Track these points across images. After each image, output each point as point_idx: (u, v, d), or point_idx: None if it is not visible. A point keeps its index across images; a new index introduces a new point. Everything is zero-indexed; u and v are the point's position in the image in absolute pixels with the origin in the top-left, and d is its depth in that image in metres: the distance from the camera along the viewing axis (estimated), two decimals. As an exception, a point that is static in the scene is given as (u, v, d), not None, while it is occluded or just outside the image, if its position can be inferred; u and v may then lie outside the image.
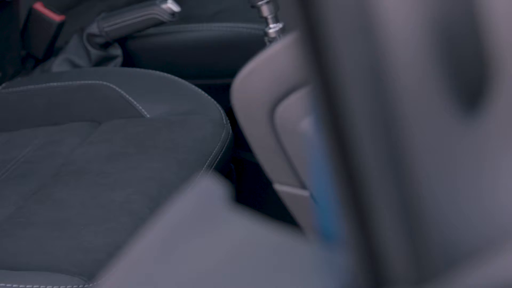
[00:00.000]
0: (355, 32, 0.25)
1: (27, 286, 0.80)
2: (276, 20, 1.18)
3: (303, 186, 0.60)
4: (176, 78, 1.18)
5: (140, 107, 1.13)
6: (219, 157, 1.07)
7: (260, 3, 1.16)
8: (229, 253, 0.34)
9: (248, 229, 0.35)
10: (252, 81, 0.58)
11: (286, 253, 0.33)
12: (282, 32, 1.18)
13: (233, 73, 1.53)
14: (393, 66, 0.25)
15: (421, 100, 0.26)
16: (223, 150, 1.08)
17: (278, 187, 0.62)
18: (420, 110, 0.25)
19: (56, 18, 1.36)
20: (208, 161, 1.04)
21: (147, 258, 0.35)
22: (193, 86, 1.17)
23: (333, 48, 0.25)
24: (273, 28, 1.18)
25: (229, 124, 1.12)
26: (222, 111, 1.13)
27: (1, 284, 0.79)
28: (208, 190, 0.37)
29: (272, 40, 1.19)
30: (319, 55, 0.26)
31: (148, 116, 1.12)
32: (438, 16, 0.25)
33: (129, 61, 1.40)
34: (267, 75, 0.57)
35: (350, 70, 0.25)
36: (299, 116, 0.57)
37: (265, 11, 1.17)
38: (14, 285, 0.80)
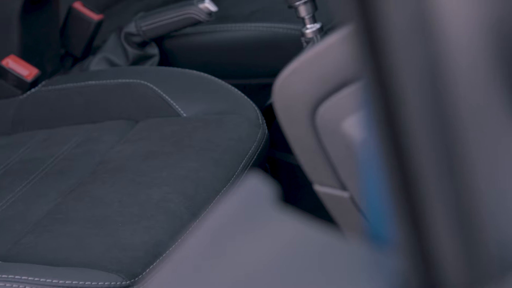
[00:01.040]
0: (414, 34, 0.25)
1: (67, 282, 0.81)
2: (314, 21, 1.18)
3: (343, 187, 0.60)
4: (213, 77, 1.19)
5: (177, 106, 1.13)
6: (255, 157, 1.07)
7: (297, 3, 1.16)
8: (278, 253, 0.34)
9: (296, 228, 0.35)
10: (294, 81, 0.58)
11: (335, 254, 0.33)
12: (319, 32, 1.18)
13: (269, 73, 1.54)
14: (452, 69, 0.25)
15: (479, 102, 0.25)
16: (259, 150, 1.08)
17: (318, 188, 0.62)
18: (477, 113, 0.25)
19: (95, 17, 1.38)
20: (244, 161, 1.04)
21: (195, 257, 0.35)
22: (230, 86, 1.17)
23: (391, 49, 0.25)
24: (310, 28, 1.18)
25: (265, 124, 1.12)
26: (258, 111, 1.13)
27: (42, 279, 0.80)
28: (256, 189, 0.37)
29: (309, 41, 1.19)
30: (377, 55, 0.26)
31: (184, 115, 1.12)
32: (497, 19, 0.25)
33: (166, 60, 1.41)
34: (309, 75, 0.57)
35: (407, 72, 0.25)
36: (340, 117, 0.56)
37: (303, 11, 1.17)
38: (54, 281, 0.81)
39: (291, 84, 0.58)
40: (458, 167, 0.25)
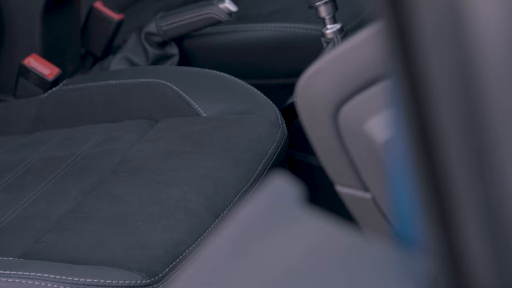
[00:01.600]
0: (446, 32, 0.24)
1: (87, 280, 0.81)
2: (334, 21, 1.18)
3: (365, 188, 0.60)
4: (232, 77, 1.19)
5: (197, 106, 1.14)
6: (274, 157, 1.07)
7: (318, 3, 1.16)
8: (304, 253, 0.34)
9: (322, 229, 0.35)
10: (317, 82, 0.58)
11: (362, 255, 0.33)
12: (339, 33, 1.18)
13: (288, 74, 1.54)
14: (483, 68, 0.25)
15: (510, 104, 0.25)
16: (278, 150, 1.08)
17: (340, 188, 0.62)
18: (510, 113, 0.25)
19: (115, 16, 1.38)
20: (263, 161, 1.04)
21: (221, 256, 0.35)
22: (249, 86, 1.17)
23: (422, 47, 0.25)
24: (330, 29, 1.18)
25: (284, 124, 1.12)
26: (277, 111, 1.13)
27: (63, 277, 0.81)
28: (281, 189, 0.37)
29: (329, 41, 1.19)
30: (407, 53, 0.26)
31: (204, 114, 1.12)
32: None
33: (185, 60, 1.41)
34: (332, 76, 0.57)
35: (439, 70, 0.25)
36: (363, 117, 0.56)
37: (323, 11, 1.16)
38: (75, 279, 0.81)
39: (314, 85, 0.58)
40: (490, 168, 0.25)
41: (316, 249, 0.34)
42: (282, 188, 0.37)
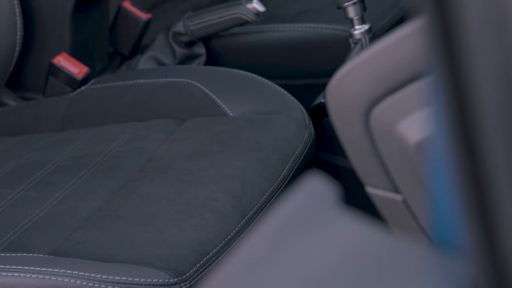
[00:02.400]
0: (492, 28, 0.24)
1: (116, 278, 0.82)
2: (362, 22, 1.17)
3: (396, 190, 0.60)
4: (260, 77, 1.19)
5: (224, 106, 1.14)
6: (301, 157, 1.07)
7: (346, 4, 1.15)
8: (341, 255, 0.34)
9: (359, 230, 0.34)
10: (348, 83, 0.58)
11: (400, 257, 0.33)
12: (367, 33, 1.18)
13: (315, 74, 1.54)
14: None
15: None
16: (305, 151, 1.08)
17: (370, 190, 0.61)
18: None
19: (143, 16, 1.39)
20: (290, 161, 1.04)
21: (256, 257, 0.35)
22: (276, 86, 1.17)
23: (467, 44, 0.25)
24: (358, 29, 1.17)
25: (311, 125, 1.12)
26: (305, 112, 1.13)
27: (92, 275, 0.82)
28: (317, 190, 0.37)
29: (357, 42, 1.18)
30: (451, 50, 0.25)
31: (231, 114, 1.13)
32: None
33: (212, 59, 1.42)
34: (364, 76, 0.57)
35: (484, 68, 0.25)
36: (395, 119, 0.56)
37: (352, 12, 1.16)
38: (103, 276, 0.82)
39: (345, 86, 0.58)
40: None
41: (352, 250, 0.34)
42: (318, 189, 0.37)
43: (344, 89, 0.58)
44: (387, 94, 0.56)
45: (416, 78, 0.54)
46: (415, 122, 0.55)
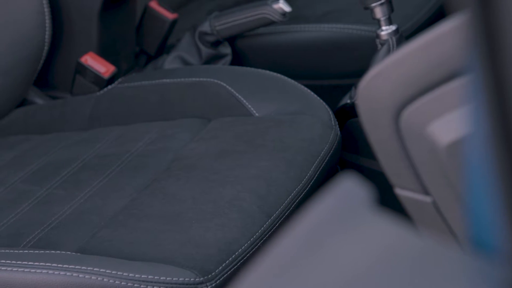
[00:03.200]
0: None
1: (142, 276, 0.82)
2: (389, 22, 1.17)
3: (425, 192, 0.59)
4: (285, 77, 1.19)
5: (249, 106, 1.14)
6: (327, 158, 1.06)
7: (373, 4, 1.15)
8: (375, 256, 0.33)
9: (393, 232, 0.34)
10: (378, 84, 0.58)
11: (435, 260, 0.32)
12: (394, 34, 1.17)
13: (341, 75, 1.54)
14: None
15: None
16: (331, 151, 1.07)
17: (399, 191, 0.61)
18: None
19: (170, 16, 1.40)
20: (316, 162, 1.04)
21: (289, 257, 0.35)
22: (302, 86, 1.17)
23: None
24: (385, 30, 1.17)
25: (337, 126, 1.11)
26: (330, 112, 1.13)
27: (119, 273, 0.82)
28: (351, 191, 0.37)
29: (383, 43, 1.18)
30: (495, 46, 0.25)
31: (257, 115, 1.13)
32: None
33: (238, 59, 1.42)
34: (394, 78, 0.56)
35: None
36: (426, 121, 0.56)
37: (379, 12, 1.15)
38: (130, 274, 0.82)
39: (376, 87, 0.58)
40: None
41: (386, 252, 0.34)
42: (352, 189, 0.37)
43: (375, 90, 0.58)
44: (418, 95, 0.55)
45: (447, 79, 0.53)
46: (446, 123, 0.54)
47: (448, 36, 0.48)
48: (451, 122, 0.53)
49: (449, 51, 0.49)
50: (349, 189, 0.37)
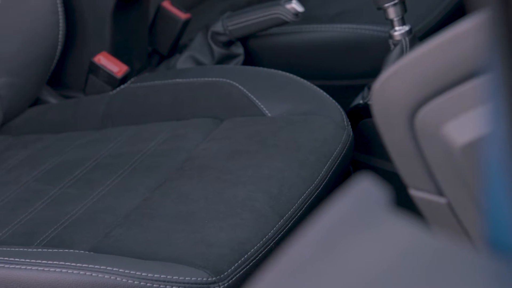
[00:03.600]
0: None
1: (155, 275, 0.82)
2: (403, 23, 1.16)
3: (440, 193, 0.59)
4: (298, 77, 1.19)
5: (262, 106, 1.14)
6: (340, 159, 1.06)
7: (387, 5, 1.15)
8: (392, 257, 0.33)
9: (410, 233, 0.34)
10: (393, 84, 0.57)
11: (453, 262, 0.32)
12: (407, 35, 1.17)
13: (353, 75, 1.53)
14: None
15: None
16: (344, 152, 1.07)
17: (413, 192, 0.61)
18: None
19: (182, 16, 1.40)
20: (328, 163, 1.04)
21: (306, 257, 0.35)
22: (315, 87, 1.17)
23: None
24: (398, 30, 1.16)
25: (350, 126, 1.11)
26: (343, 113, 1.12)
27: (132, 272, 0.82)
28: (368, 192, 0.37)
29: (396, 43, 1.17)
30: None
31: (269, 115, 1.13)
32: None
33: (250, 59, 1.42)
34: (410, 78, 0.56)
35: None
36: (441, 121, 0.56)
37: (392, 13, 1.15)
38: (143, 274, 0.82)
39: (390, 87, 0.58)
40: None
41: (403, 253, 0.34)
42: (368, 190, 0.37)
43: (390, 91, 0.58)
44: (433, 95, 0.55)
45: (464, 80, 0.53)
46: (461, 124, 0.54)
47: (466, 35, 0.48)
48: (467, 123, 0.53)
49: (466, 51, 0.49)
50: (365, 189, 0.37)
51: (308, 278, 0.34)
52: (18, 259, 0.84)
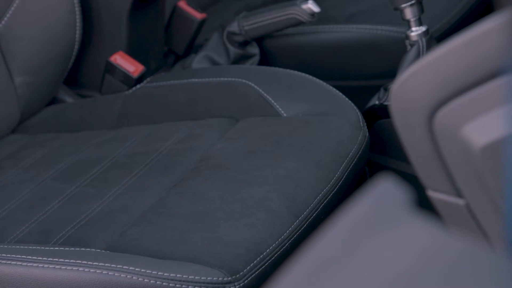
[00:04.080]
0: None
1: (171, 275, 0.82)
2: (419, 23, 1.16)
3: (459, 194, 0.59)
4: (314, 78, 1.18)
5: (277, 106, 1.14)
6: (355, 159, 1.06)
7: (404, 5, 1.14)
8: (413, 258, 0.33)
9: (432, 234, 0.34)
10: (412, 85, 0.57)
11: (474, 263, 0.32)
12: (424, 35, 1.16)
13: (369, 76, 1.53)
14: None
15: None
16: (359, 152, 1.07)
17: (432, 193, 0.61)
18: None
19: (198, 16, 1.40)
20: (344, 163, 1.04)
21: (328, 257, 0.35)
22: (330, 87, 1.17)
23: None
24: (415, 31, 1.16)
25: (365, 127, 1.11)
26: (359, 113, 1.12)
27: (148, 271, 0.82)
28: (389, 192, 0.37)
29: (413, 44, 1.17)
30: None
31: (285, 115, 1.12)
32: None
33: (266, 59, 1.42)
34: (429, 79, 0.56)
35: None
36: (460, 122, 0.55)
37: (409, 13, 1.15)
38: (159, 273, 0.82)
39: (409, 88, 0.57)
40: None
41: (425, 253, 0.33)
42: (390, 191, 0.37)
43: (408, 91, 0.58)
44: (453, 96, 0.55)
45: (484, 80, 0.53)
46: (481, 125, 0.54)
47: (487, 36, 0.48)
48: (487, 124, 0.52)
49: (488, 51, 0.49)
50: (386, 190, 0.37)
51: (329, 278, 0.34)
52: (35, 257, 0.84)
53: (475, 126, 0.55)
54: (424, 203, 0.60)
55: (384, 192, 0.37)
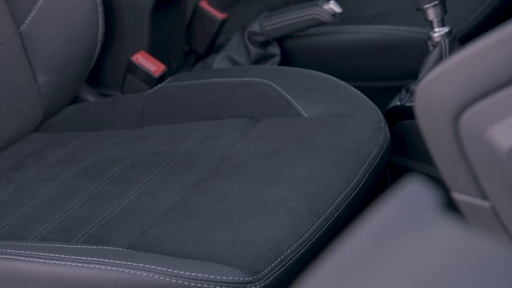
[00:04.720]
0: None
1: (192, 274, 0.83)
2: (442, 24, 1.15)
3: (484, 197, 0.58)
4: (335, 78, 1.18)
5: (299, 106, 1.14)
6: (377, 160, 1.05)
7: (426, 6, 1.14)
8: (442, 260, 0.33)
9: (461, 236, 0.34)
10: (437, 87, 0.57)
11: (505, 266, 0.32)
12: (447, 36, 1.16)
13: (391, 76, 1.52)
14: None
15: None
16: (381, 154, 1.06)
17: (456, 195, 0.60)
18: None
19: (219, 15, 1.40)
20: (365, 164, 1.03)
21: (356, 258, 0.35)
22: (352, 88, 1.16)
23: None
24: (438, 32, 1.15)
25: (387, 128, 1.10)
26: (380, 114, 1.12)
27: (169, 270, 0.83)
28: (418, 194, 0.36)
29: (436, 45, 1.16)
30: None
31: (306, 115, 1.12)
32: None
33: (286, 60, 1.42)
34: (454, 80, 0.56)
35: None
36: (486, 124, 0.55)
37: (431, 14, 1.14)
38: (180, 272, 0.82)
39: (435, 90, 0.57)
40: None
41: (455, 256, 0.33)
42: (419, 192, 0.36)
43: (433, 93, 0.57)
44: (479, 98, 0.55)
45: (511, 82, 0.52)
46: (508, 126, 0.53)
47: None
48: (514, 126, 0.52)
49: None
50: (414, 191, 0.37)
51: (357, 280, 0.34)
52: (58, 255, 0.85)
53: (501, 128, 0.54)
54: (450, 205, 0.60)
55: (412, 193, 0.37)
